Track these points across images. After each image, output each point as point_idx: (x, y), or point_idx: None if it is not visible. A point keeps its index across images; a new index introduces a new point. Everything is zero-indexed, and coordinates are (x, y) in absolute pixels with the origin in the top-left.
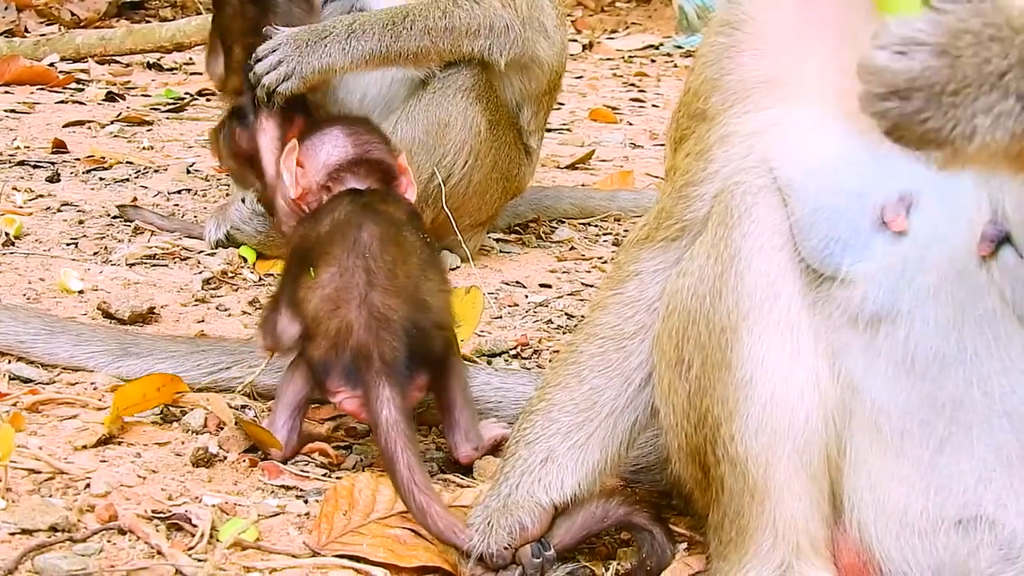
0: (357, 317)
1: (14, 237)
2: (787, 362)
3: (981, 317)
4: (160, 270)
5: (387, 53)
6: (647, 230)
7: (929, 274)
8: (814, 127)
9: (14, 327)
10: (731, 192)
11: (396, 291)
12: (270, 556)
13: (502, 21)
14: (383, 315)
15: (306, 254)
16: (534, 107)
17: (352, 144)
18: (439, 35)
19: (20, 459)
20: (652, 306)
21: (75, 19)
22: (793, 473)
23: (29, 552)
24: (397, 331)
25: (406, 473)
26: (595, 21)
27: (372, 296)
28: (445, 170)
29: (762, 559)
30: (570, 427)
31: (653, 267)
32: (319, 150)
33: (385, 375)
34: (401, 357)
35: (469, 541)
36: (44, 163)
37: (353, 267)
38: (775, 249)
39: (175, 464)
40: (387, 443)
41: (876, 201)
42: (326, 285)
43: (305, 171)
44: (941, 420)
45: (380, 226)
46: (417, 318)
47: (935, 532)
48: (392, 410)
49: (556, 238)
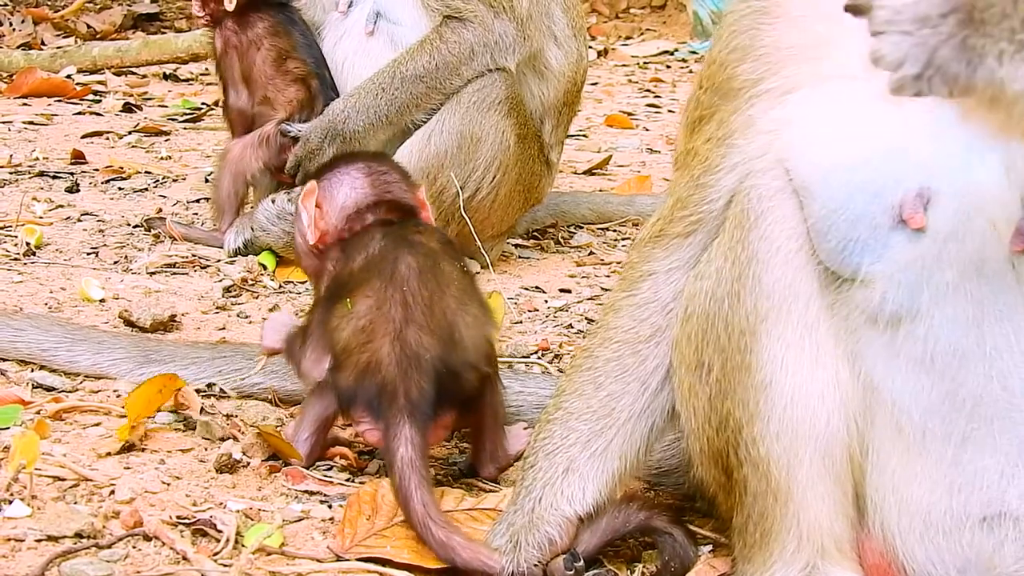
0: (389, 353)
1: (35, 247)
2: (807, 364)
3: (1002, 312)
4: (180, 278)
5: (389, 117)
6: (660, 225)
7: (947, 271)
8: (837, 115)
9: (36, 335)
10: (747, 194)
11: (432, 329)
12: (295, 561)
13: (494, 34)
14: (415, 353)
15: (339, 289)
16: (554, 120)
17: (371, 185)
18: (433, 77)
19: (45, 466)
20: (667, 307)
21: (91, 31)
22: (816, 475)
23: (55, 559)
24: (427, 371)
25: (420, 510)
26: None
27: (407, 332)
28: (474, 184)
29: (787, 561)
30: (589, 435)
31: (667, 266)
32: (337, 192)
33: (407, 413)
34: (428, 398)
35: (498, 565)
36: (63, 174)
37: (391, 300)
38: (792, 252)
39: (199, 470)
40: (401, 480)
41: (894, 198)
42: (362, 316)
43: (323, 212)
44: (962, 417)
45: (417, 257)
46: (450, 358)
47: (959, 530)
48: (409, 448)
49: (575, 243)
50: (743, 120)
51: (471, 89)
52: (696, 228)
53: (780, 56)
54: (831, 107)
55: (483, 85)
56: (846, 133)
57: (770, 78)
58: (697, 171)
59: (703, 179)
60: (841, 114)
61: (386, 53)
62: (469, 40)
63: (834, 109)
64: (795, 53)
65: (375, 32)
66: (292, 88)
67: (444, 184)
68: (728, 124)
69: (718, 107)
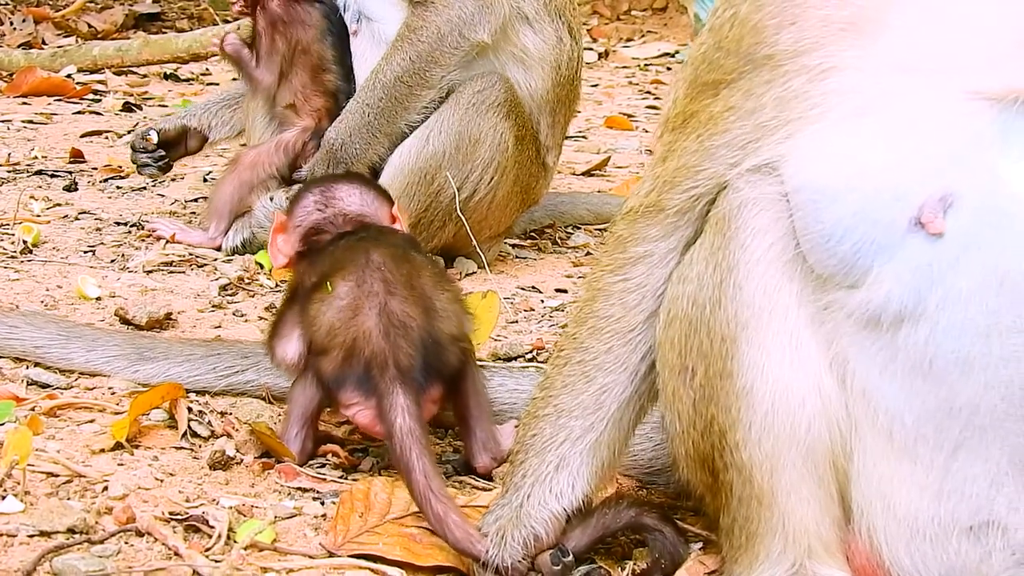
0: (376, 324)
1: (32, 245)
2: (787, 371)
3: (1014, 323)
4: (177, 277)
5: (382, 129)
6: (654, 196)
7: (962, 278)
8: (871, 111)
9: (30, 333)
10: (727, 199)
11: (414, 300)
12: (287, 557)
13: (454, 9)
14: (402, 322)
15: (310, 290)
16: (549, 118)
17: (323, 205)
18: (412, 73)
19: (38, 462)
20: (659, 291)
21: (92, 31)
22: (799, 478)
23: (47, 553)
24: (414, 340)
25: (422, 480)
26: (611, 29)
27: (391, 303)
28: (472, 184)
29: (773, 561)
30: (581, 432)
31: (665, 248)
32: (295, 217)
33: (400, 382)
34: (417, 365)
35: (486, 552)
36: (61, 172)
37: (371, 278)
38: (773, 259)
39: (192, 467)
40: (402, 450)
41: (916, 201)
42: (343, 297)
43: (287, 239)
44: (957, 424)
45: (387, 248)
46: (433, 329)
47: (947, 538)
48: (407, 417)
49: (572, 243)
50: (776, 96)
51: (470, 91)
52: (699, 203)
53: (827, 31)
54: (866, 101)
55: (482, 87)
56: (878, 131)
57: (812, 53)
58: (712, 141)
59: (720, 152)
60: (876, 110)
61: (371, 51)
62: (434, 22)
63: (869, 103)
64: (843, 28)
65: (359, 32)
66: (321, 99)
67: (442, 184)
68: (758, 96)
69: (744, 73)
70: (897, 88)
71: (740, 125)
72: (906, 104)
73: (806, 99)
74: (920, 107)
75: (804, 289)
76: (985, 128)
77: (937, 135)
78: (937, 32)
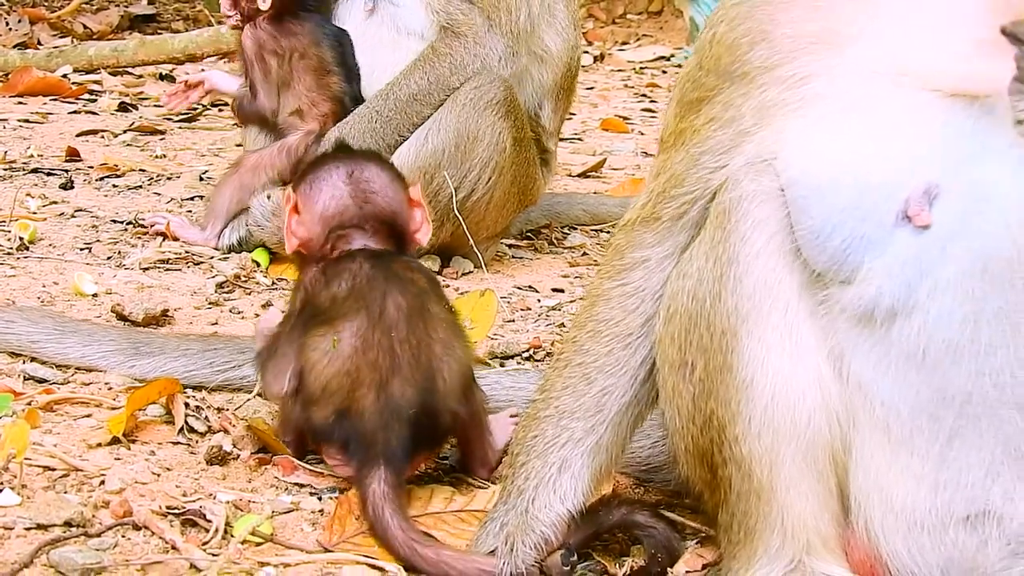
0: (373, 403)
1: (28, 242)
2: (787, 364)
3: (1000, 309)
4: (173, 274)
5: (386, 140)
6: (651, 206)
7: (949, 267)
8: (851, 111)
9: (26, 327)
10: (727, 192)
11: (416, 380)
12: (283, 551)
13: (484, 48)
14: (398, 406)
15: (320, 313)
16: (552, 103)
17: (351, 194)
18: (427, 93)
19: (35, 456)
20: (657, 294)
21: (88, 31)
22: (799, 473)
23: (44, 546)
24: (406, 422)
25: (401, 535)
26: (606, 33)
27: (392, 384)
28: (470, 184)
29: (772, 557)
30: (582, 434)
31: (661, 253)
32: (316, 198)
33: (384, 459)
34: (405, 446)
35: (496, 570)
36: (58, 171)
37: (378, 346)
38: (773, 252)
39: (189, 462)
40: (375, 512)
41: (902, 194)
42: (347, 358)
43: (302, 219)
44: (950, 414)
45: (407, 297)
46: (431, 403)
47: (943, 529)
48: (382, 485)
49: (568, 244)
50: (754, 105)
51: (468, 88)
52: (690, 208)
53: (797, 44)
54: (845, 102)
55: (480, 84)
56: (860, 130)
57: (785, 65)
58: (696, 150)
59: (703, 159)
60: (855, 110)
61: (385, 33)
62: (461, 54)
63: (848, 105)
64: (813, 42)
65: (375, 10)
66: (328, 104)
67: (440, 184)
68: (736, 107)
69: (722, 89)
70: (871, 91)
71: (721, 133)
72: (882, 104)
73: (784, 105)
74: (895, 107)
75: (803, 283)
76: (961, 122)
77: (915, 131)
78: (901, 39)
